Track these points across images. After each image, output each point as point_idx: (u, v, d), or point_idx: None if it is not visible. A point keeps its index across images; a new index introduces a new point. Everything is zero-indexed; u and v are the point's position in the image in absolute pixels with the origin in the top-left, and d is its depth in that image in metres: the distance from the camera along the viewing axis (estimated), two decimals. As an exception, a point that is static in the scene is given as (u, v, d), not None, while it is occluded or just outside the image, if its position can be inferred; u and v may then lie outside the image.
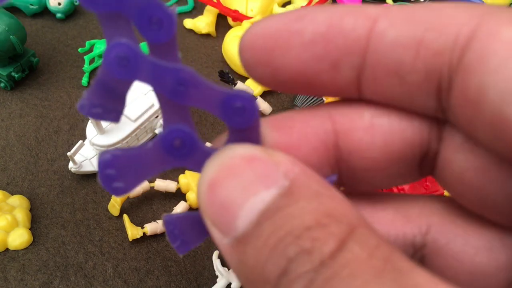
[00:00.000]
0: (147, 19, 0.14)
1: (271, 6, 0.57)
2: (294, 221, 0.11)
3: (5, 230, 0.40)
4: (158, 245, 0.40)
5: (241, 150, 0.13)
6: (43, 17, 0.59)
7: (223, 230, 0.13)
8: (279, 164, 0.13)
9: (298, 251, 0.11)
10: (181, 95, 0.14)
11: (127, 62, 0.14)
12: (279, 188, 0.12)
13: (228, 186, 0.13)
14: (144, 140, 0.46)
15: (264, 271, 0.12)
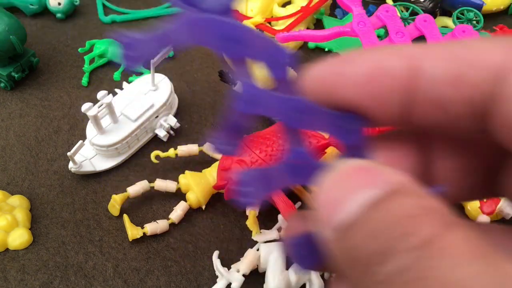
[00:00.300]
0: (275, 61, 0.17)
1: (271, 6, 0.57)
2: (397, 211, 0.13)
3: (5, 230, 0.40)
4: (158, 245, 0.40)
5: (351, 162, 0.15)
6: (43, 17, 0.59)
7: (327, 223, 0.15)
8: (385, 173, 0.15)
9: (402, 233, 0.13)
10: (298, 121, 0.17)
11: (254, 99, 0.17)
12: (383, 188, 0.14)
13: (337, 187, 0.15)
14: (144, 140, 0.46)
15: (369, 250, 0.13)
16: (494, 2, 0.58)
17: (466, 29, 0.46)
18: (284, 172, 0.17)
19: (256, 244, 0.40)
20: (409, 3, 0.55)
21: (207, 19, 0.17)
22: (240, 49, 0.17)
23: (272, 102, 0.17)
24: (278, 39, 0.49)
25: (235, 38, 0.17)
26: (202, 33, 0.17)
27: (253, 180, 0.17)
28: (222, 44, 0.17)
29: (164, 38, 0.17)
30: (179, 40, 0.17)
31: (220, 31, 0.17)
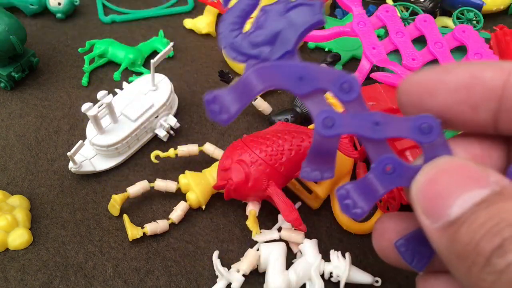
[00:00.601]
0: (339, 87, 0.19)
1: (271, 6, 0.57)
2: (507, 214, 0.15)
3: (5, 230, 0.40)
4: (158, 245, 0.40)
5: (456, 159, 0.17)
6: (43, 17, 0.59)
7: (435, 216, 0.16)
8: (490, 175, 0.16)
9: None
10: (379, 132, 0.19)
11: (332, 122, 0.18)
12: (492, 190, 0.16)
13: (443, 182, 0.16)
14: (144, 140, 0.46)
15: (478, 246, 0.15)
16: (494, 2, 0.58)
17: (466, 29, 0.46)
18: (380, 179, 0.19)
19: (256, 244, 0.40)
20: (409, 3, 0.55)
21: (273, 65, 0.19)
22: (305, 84, 0.19)
23: (351, 121, 0.19)
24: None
25: (299, 76, 0.19)
26: (272, 77, 0.19)
27: (353, 193, 0.19)
28: (290, 84, 0.19)
29: (242, 89, 0.19)
30: (254, 87, 0.19)
31: (286, 73, 0.19)
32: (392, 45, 0.46)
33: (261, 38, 0.19)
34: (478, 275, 0.15)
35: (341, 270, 0.37)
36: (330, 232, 0.41)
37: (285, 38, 0.19)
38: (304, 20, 0.20)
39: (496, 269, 0.14)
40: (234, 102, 0.18)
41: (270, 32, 0.20)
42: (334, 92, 0.19)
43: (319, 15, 0.20)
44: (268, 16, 0.20)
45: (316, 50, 0.56)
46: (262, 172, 0.37)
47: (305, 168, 0.20)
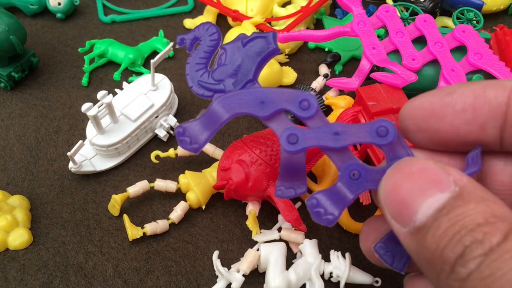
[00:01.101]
0: (298, 105, 0.20)
1: (271, 6, 0.57)
2: (467, 219, 0.15)
3: (5, 230, 0.40)
4: (158, 245, 0.40)
5: (416, 161, 0.18)
6: (43, 17, 0.59)
7: (402, 222, 0.17)
8: (449, 174, 0.17)
9: (472, 241, 0.15)
10: (339, 141, 0.20)
11: (296, 139, 0.20)
12: (452, 192, 0.16)
13: (407, 188, 0.17)
14: (144, 140, 0.46)
15: (443, 254, 0.15)
16: (494, 2, 0.58)
17: (466, 29, 0.46)
18: (348, 185, 0.20)
19: (256, 244, 0.40)
20: (409, 3, 0.55)
21: (234, 94, 0.20)
22: (267, 107, 0.20)
23: (313, 135, 0.20)
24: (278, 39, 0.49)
25: (260, 101, 0.20)
26: (235, 106, 0.20)
27: (323, 201, 0.19)
28: (253, 109, 0.20)
29: (209, 119, 0.21)
30: (220, 117, 0.20)
31: (248, 100, 0.20)
32: (392, 45, 0.46)
33: (224, 73, 0.21)
34: (445, 281, 0.16)
35: (341, 270, 0.37)
36: (330, 232, 0.41)
37: (245, 69, 0.21)
38: (260, 50, 0.22)
39: (459, 277, 0.15)
40: (203, 131, 0.20)
41: (231, 66, 0.22)
42: (294, 111, 0.20)
43: (273, 45, 0.21)
44: (228, 53, 0.22)
45: (316, 50, 0.56)
46: (262, 172, 0.37)
47: (279, 187, 0.21)
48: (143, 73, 0.53)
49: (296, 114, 0.20)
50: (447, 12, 0.58)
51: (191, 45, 0.22)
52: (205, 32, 0.22)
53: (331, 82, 0.48)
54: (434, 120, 0.19)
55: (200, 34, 0.22)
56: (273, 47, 0.21)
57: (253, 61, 0.21)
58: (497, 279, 0.14)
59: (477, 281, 0.15)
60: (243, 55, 0.21)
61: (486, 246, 0.15)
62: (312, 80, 0.52)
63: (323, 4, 0.56)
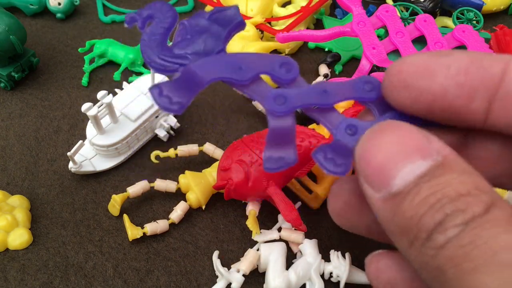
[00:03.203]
0: (279, 68, 0.19)
1: (271, 6, 0.57)
2: (449, 188, 0.15)
3: (5, 230, 0.40)
4: (158, 245, 0.40)
5: (401, 124, 0.17)
6: (43, 17, 0.59)
7: (377, 186, 0.16)
8: (432, 142, 0.16)
9: (454, 210, 0.15)
10: (327, 98, 0.19)
11: (284, 99, 0.19)
12: (434, 160, 0.16)
13: (387, 151, 0.16)
14: (144, 140, 0.46)
15: (421, 221, 0.15)
16: (494, 2, 0.58)
17: (466, 29, 0.46)
18: (347, 141, 0.19)
19: (256, 244, 0.40)
20: (409, 3, 0.55)
21: (212, 58, 0.19)
22: (245, 72, 0.19)
23: (301, 94, 0.19)
24: (278, 39, 0.49)
25: (238, 66, 0.19)
26: (214, 70, 0.19)
27: (330, 153, 0.18)
28: (232, 73, 0.19)
29: (188, 82, 0.19)
30: (202, 80, 0.19)
31: (226, 64, 0.19)
32: (392, 45, 0.46)
33: (188, 46, 0.19)
34: (419, 249, 0.15)
35: (341, 270, 0.37)
36: (330, 232, 0.41)
37: (211, 41, 0.20)
38: (227, 22, 0.20)
39: (436, 245, 0.15)
40: (184, 93, 0.18)
41: (196, 39, 0.20)
42: (275, 73, 0.19)
43: (239, 16, 0.20)
44: (190, 27, 0.20)
45: (316, 50, 0.56)
46: (262, 172, 0.37)
47: (267, 158, 0.19)
48: (143, 73, 0.53)
49: (277, 76, 0.19)
50: (447, 12, 0.58)
51: (143, 24, 0.20)
52: (158, 10, 0.20)
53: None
54: (424, 78, 0.18)
55: (153, 12, 0.20)
56: (240, 18, 0.20)
57: (220, 32, 0.20)
58: (477, 246, 0.14)
59: (455, 248, 0.14)
60: (208, 27, 0.20)
61: (468, 215, 0.14)
62: (312, 80, 0.52)
63: (323, 4, 0.56)
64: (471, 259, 0.14)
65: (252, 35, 0.52)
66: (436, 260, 0.15)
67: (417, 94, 0.18)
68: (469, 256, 0.14)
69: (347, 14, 0.59)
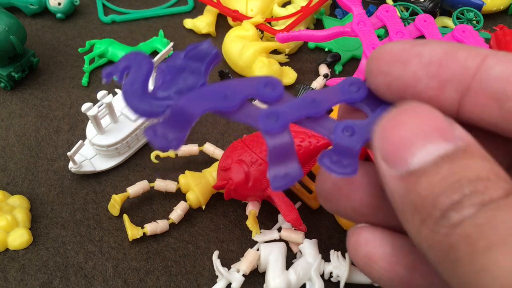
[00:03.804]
0: (263, 88, 0.19)
1: (271, 6, 0.57)
2: (470, 170, 0.15)
3: (5, 230, 0.40)
4: (158, 245, 0.40)
5: (426, 106, 0.17)
6: (43, 17, 0.59)
7: (394, 163, 0.16)
8: (455, 128, 0.16)
9: (473, 191, 0.14)
10: (317, 106, 0.19)
11: (276, 116, 0.19)
12: (457, 145, 0.15)
13: (409, 128, 0.16)
14: (144, 140, 0.46)
15: (436, 200, 0.15)
16: (494, 2, 0.58)
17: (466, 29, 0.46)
18: (348, 143, 0.19)
19: (256, 244, 0.40)
20: (409, 3, 0.55)
21: (197, 93, 0.19)
22: (231, 100, 0.19)
23: (291, 108, 0.19)
24: (278, 39, 0.49)
25: (223, 95, 0.19)
26: (201, 103, 0.19)
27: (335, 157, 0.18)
28: (219, 104, 0.19)
29: (177, 120, 0.19)
30: (192, 115, 0.19)
31: (211, 96, 0.19)
32: (392, 45, 0.46)
33: (169, 87, 0.20)
34: (431, 227, 0.15)
35: (341, 270, 0.37)
36: (330, 232, 0.41)
37: (192, 78, 0.20)
38: (203, 56, 0.20)
39: (450, 223, 0.14)
40: (178, 131, 0.19)
41: (176, 79, 0.20)
42: (260, 94, 0.19)
43: (213, 49, 0.20)
44: (167, 70, 0.20)
45: (316, 50, 0.56)
46: (262, 172, 0.37)
47: (274, 177, 0.19)
48: (143, 73, 0.53)
49: (264, 97, 0.19)
50: (447, 12, 0.58)
51: (121, 76, 0.20)
52: (133, 60, 0.21)
53: (331, 82, 0.48)
54: (398, 66, 0.18)
55: (129, 63, 0.21)
56: (214, 51, 0.20)
57: (198, 67, 0.20)
58: (493, 226, 0.14)
59: (470, 226, 0.14)
60: (185, 65, 0.20)
61: (487, 197, 0.14)
62: (312, 80, 0.52)
63: (323, 4, 0.56)
64: (486, 238, 0.14)
65: (252, 35, 0.52)
66: (448, 238, 0.14)
67: (391, 81, 0.18)
68: (484, 235, 0.14)
69: (347, 14, 0.59)
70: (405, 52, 0.18)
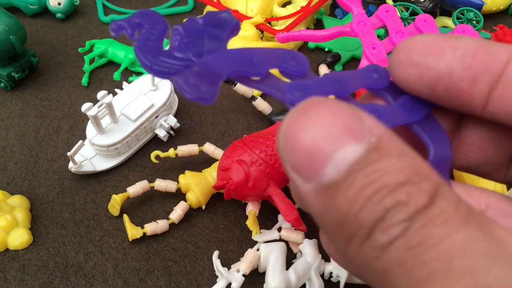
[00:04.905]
0: (290, 61, 0.19)
1: (271, 6, 0.57)
2: (387, 176, 0.13)
3: (5, 230, 0.40)
4: (158, 245, 0.40)
5: (326, 101, 0.15)
6: (43, 17, 0.59)
7: (307, 175, 0.14)
8: (364, 120, 0.14)
9: (395, 203, 0.13)
10: (343, 87, 0.19)
11: (303, 89, 0.18)
12: (368, 143, 0.13)
13: (314, 133, 0.14)
14: (144, 140, 0.46)
15: (358, 217, 0.13)
16: (494, 2, 0.59)
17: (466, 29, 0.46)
18: None
19: (256, 244, 0.40)
20: (409, 3, 0.55)
21: (224, 53, 0.18)
22: (258, 66, 0.18)
23: (317, 85, 0.18)
24: (278, 39, 0.49)
25: (250, 59, 0.18)
26: (230, 63, 0.18)
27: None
28: (247, 67, 0.18)
29: (206, 75, 0.18)
30: (220, 72, 0.18)
31: (238, 58, 0.18)
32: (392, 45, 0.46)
33: (187, 48, 0.18)
34: (358, 249, 0.13)
35: (341, 270, 0.37)
36: (330, 232, 0.41)
37: (212, 43, 0.19)
38: (224, 23, 0.20)
39: (378, 245, 0.13)
40: (210, 83, 0.17)
41: (194, 40, 0.19)
42: (287, 67, 0.19)
43: (235, 19, 0.20)
44: (184, 31, 0.19)
45: (316, 50, 0.56)
46: (262, 172, 0.37)
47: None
48: (143, 73, 0.53)
49: (289, 70, 0.19)
50: (447, 12, 0.58)
51: (132, 31, 0.19)
52: (147, 17, 0.20)
53: (331, 82, 0.47)
54: (432, 56, 0.17)
55: (142, 20, 0.20)
56: (235, 21, 0.19)
57: (219, 33, 0.19)
58: (429, 248, 0.12)
59: (402, 250, 0.12)
60: (204, 30, 0.19)
61: (411, 208, 0.12)
62: (312, 80, 0.52)
63: (323, 4, 0.56)
64: (424, 265, 0.12)
65: (252, 35, 0.52)
66: (380, 263, 0.13)
67: (423, 72, 0.18)
68: (420, 261, 0.12)
69: (347, 14, 0.59)
70: (440, 44, 0.18)
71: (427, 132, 0.19)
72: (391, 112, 0.19)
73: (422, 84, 0.18)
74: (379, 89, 0.20)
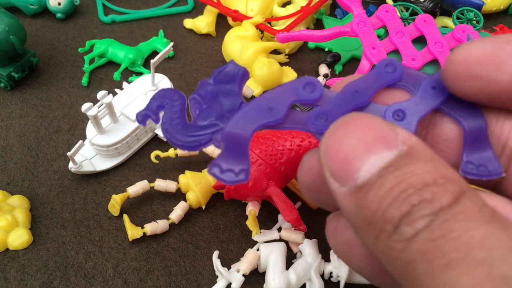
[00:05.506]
0: (303, 91, 0.19)
1: (271, 6, 0.57)
2: (415, 177, 0.14)
3: (5, 230, 0.40)
4: (158, 245, 0.40)
5: (363, 116, 0.16)
6: (43, 17, 0.59)
7: (342, 179, 0.16)
8: (398, 133, 0.16)
9: (420, 200, 0.14)
10: (362, 96, 0.19)
11: (325, 116, 0.19)
12: (399, 150, 0.15)
13: (351, 144, 0.16)
14: (144, 140, 0.46)
15: (386, 213, 0.14)
16: (494, 2, 0.59)
17: (466, 29, 0.46)
18: None
19: (256, 244, 0.40)
20: (409, 3, 0.55)
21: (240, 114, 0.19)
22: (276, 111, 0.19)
23: (337, 105, 0.19)
24: (278, 39, 0.49)
25: (268, 107, 0.19)
26: (249, 122, 0.19)
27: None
28: (266, 117, 0.19)
29: (233, 148, 0.19)
30: (245, 138, 0.18)
31: (256, 112, 0.19)
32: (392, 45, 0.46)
33: (209, 114, 0.19)
34: (386, 243, 0.15)
35: (341, 270, 0.37)
36: (330, 232, 0.41)
37: (228, 100, 0.20)
38: (232, 76, 0.20)
39: (404, 238, 0.14)
40: (238, 160, 0.18)
41: (213, 104, 0.20)
42: (303, 98, 0.19)
43: (240, 68, 0.20)
44: (200, 98, 0.20)
45: (316, 50, 0.56)
46: (262, 172, 0.37)
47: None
48: (143, 73, 0.53)
49: (306, 100, 0.19)
50: (447, 12, 0.58)
51: (157, 117, 0.20)
52: (164, 97, 0.20)
53: (331, 82, 0.48)
54: (493, 68, 0.17)
55: (161, 102, 0.20)
56: (242, 69, 0.20)
57: (231, 88, 0.20)
58: (450, 240, 0.13)
59: (425, 242, 0.13)
60: (218, 89, 0.20)
61: (436, 206, 0.14)
62: (312, 80, 0.52)
63: (323, 4, 0.56)
64: (444, 255, 0.13)
65: (252, 35, 0.52)
66: (405, 254, 0.14)
67: (486, 84, 0.17)
68: (441, 251, 0.13)
69: (347, 14, 0.59)
70: (497, 52, 0.17)
71: (454, 109, 0.19)
72: (414, 104, 0.19)
73: (485, 96, 0.18)
74: (397, 82, 0.20)
